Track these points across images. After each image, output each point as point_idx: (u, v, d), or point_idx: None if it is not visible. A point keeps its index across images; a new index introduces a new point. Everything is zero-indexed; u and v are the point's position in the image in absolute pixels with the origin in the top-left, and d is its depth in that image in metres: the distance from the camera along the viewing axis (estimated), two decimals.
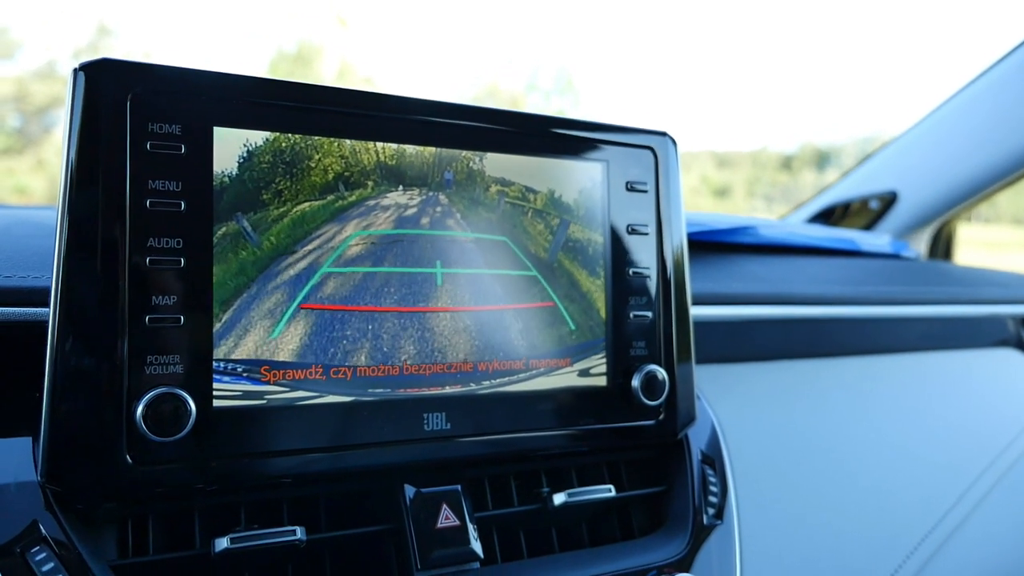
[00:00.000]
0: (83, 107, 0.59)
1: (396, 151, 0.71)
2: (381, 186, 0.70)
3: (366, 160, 0.69)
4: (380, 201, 0.70)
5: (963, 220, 2.11)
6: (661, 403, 0.81)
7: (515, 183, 0.76)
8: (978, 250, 3.28)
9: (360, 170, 0.69)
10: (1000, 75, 1.78)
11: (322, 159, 0.67)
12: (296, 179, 0.66)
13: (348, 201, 0.69)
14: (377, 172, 0.70)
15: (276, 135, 0.65)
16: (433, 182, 0.72)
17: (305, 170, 0.67)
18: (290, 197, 0.66)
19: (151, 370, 0.60)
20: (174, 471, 0.60)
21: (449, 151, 0.73)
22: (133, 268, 0.59)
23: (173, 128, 0.61)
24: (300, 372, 0.66)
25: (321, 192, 0.67)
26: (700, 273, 1.19)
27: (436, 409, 0.71)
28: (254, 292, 0.64)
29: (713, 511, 0.85)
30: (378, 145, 0.70)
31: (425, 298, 0.71)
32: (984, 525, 1.07)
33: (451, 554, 0.69)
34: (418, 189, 0.72)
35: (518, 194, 0.76)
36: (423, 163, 0.72)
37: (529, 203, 0.76)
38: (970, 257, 2.18)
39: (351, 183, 0.69)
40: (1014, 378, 1.41)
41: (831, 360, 1.21)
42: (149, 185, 0.60)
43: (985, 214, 5.18)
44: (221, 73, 0.64)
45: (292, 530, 0.65)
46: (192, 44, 16.48)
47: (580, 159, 0.79)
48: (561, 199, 0.78)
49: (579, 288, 0.78)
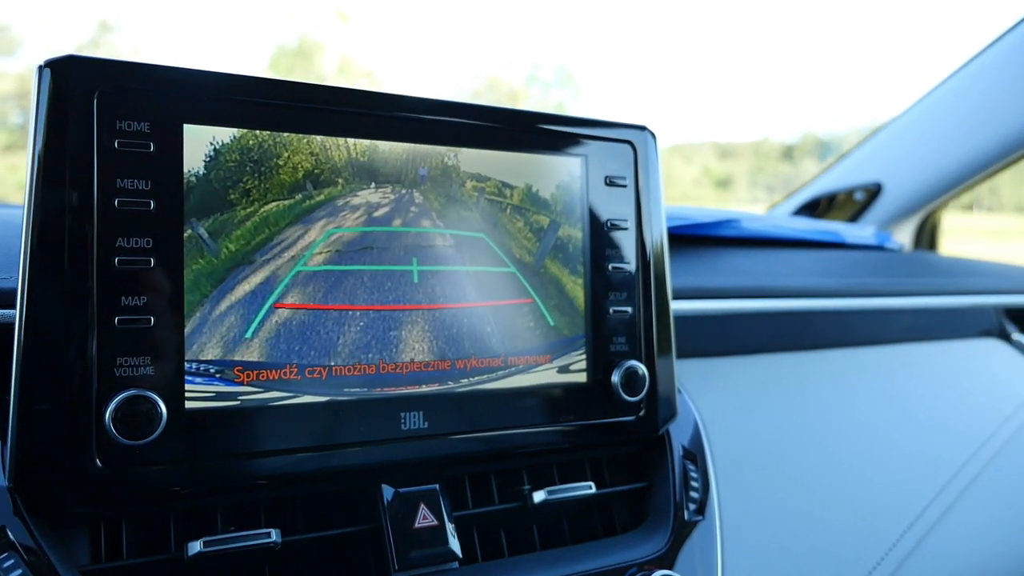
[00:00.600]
0: (49, 104, 0.58)
1: (368, 147, 0.70)
2: (353, 183, 0.69)
3: (337, 157, 0.68)
4: (353, 199, 0.69)
5: (965, 209, 2.11)
6: (641, 399, 0.80)
7: (491, 178, 0.75)
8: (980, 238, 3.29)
9: (331, 167, 0.68)
10: (982, 65, 1.78)
11: (291, 156, 0.66)
12: (265, 177, 0.65)
13: (320, 199, 0.68)
14: (349, 169, 0.69)
15: (243, 133, 0.64)
16: (407, 179, 0.71)
17: (274, 168, 0.66)
18: (259, 196, 0.65)
19: (121, 372, 0.59)
20: (146, 474, 0.60)
21: (423, 147, 0.72)
22: (101, 269, 0.58)
23: (142, 126, 0.60)
24: (274, 372, 0.65)
25: (291, 190, 0.66)
26: (683, 267, 1.19)
27: (413, 408, 0.70)
28: (226, 292, 0.63)
29: (694, 506, 0.84)
30: (350, 141, 0.69)
31: (401, 296, 0.70)
32: (967, 515, 1.07)
33: (429, 554, 0.69)
34: (392, 186, 0.71)
35: (494, 190, 0.75)
36: (396, 159, 0.71)
37: (507, 199, 0.76)
38: (973, 246, 2.18)
39: (322, 181, 0.68)
40: (998, 368, 1.41)
41: (814, 353, 1.21)
42: (118, 184, 0.59)
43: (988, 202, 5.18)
44: (190, 69, 0.63)
45: (267, 532, 0.64)
46: (194, 40, 16.49)
47: (558, 154, 0.79)
48: (539, 194, 0.77)
49: (558, 284, 0.78)
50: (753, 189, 15.82)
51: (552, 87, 16.01)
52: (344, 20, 16.14)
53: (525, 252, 0.76)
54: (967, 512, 1.07)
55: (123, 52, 10.66)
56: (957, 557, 1.01)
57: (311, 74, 12.61)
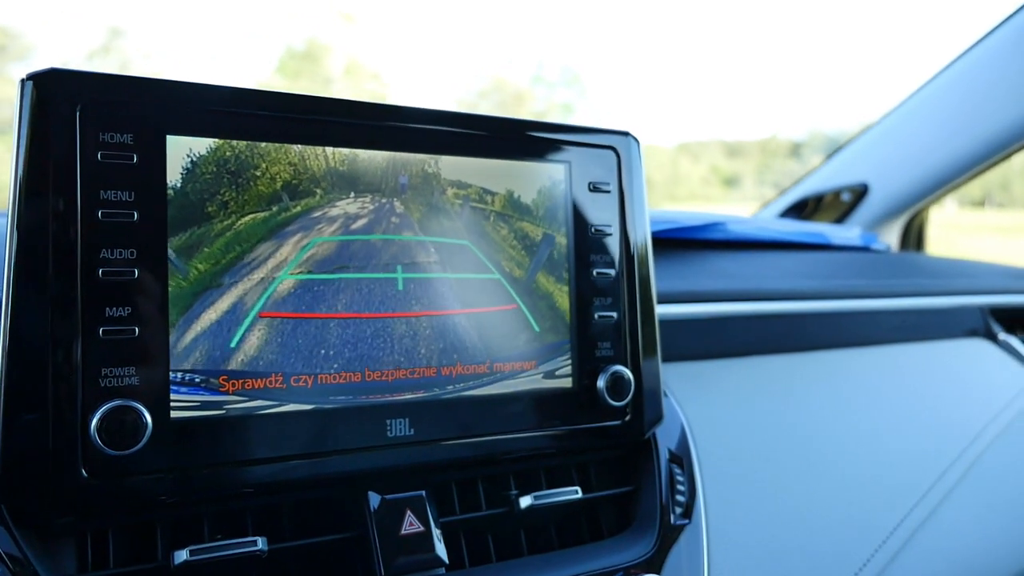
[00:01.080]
0: (32, 117, 0.58)
1: (349, 156, 0.70)
2: (334, 192, 0.69)
3: (316, 166, 0.69)
4: (334, 209, 0.69)
5: (976, 205, 2.13)
6: (627, 403, 0.81)
7: (472, 185, 0.76)
8: (992, 235, 3.30)
9: (311, 176, 0.68)
10: (967, 66, 1.79)
11: (269, 167, 0.67)
12: (243, 189, 0.65)
13: (298, 210, 0.68)
14: (330, 178, 0.69)
15: (220, 144, 0.65)
16: (388, 187, 0.72)
17: (253, 179, 0.66)
18: (236, 208, 0.65)
19: (106, 383, 0.59)
20: (131, 484, 0.60)
21: (404, 155, 0.73)
22: (86, 279, 0.59)
23: (125, 137, 0.61)
24: (260, 381, 0.65)
25: (271, 201, 0.67)
26: (669, 271, 1.19)
27: (399, 415, 0.70)
28: (211, 301, 0.64)
29: (681, 510, 0.85)
30: (329, 151, 0.69)
31: (386, 303, 0.71)
32: (953, 515, 1.08)
33: (415, 560, 0.69)
34: (373, 195, 0.71)
35: (477, 196, 0.76)
36: (377, 168, 0.71)
37: (489, 206, 0.76)
38: (985, 242, 2.19)
39: (302, 191, 0.68)
40: (984, 368, 1.42)
41: (801, 355, 1.22)
42: (101, 196, 0.60)
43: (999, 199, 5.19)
44: (173, 81, 0.63)
45: (253, 540, 0.64)
46: (202, 43, 16.51)
47: (542, 161, 0.79)
48: (520, 200, 0.78)
49: (543, 290, 0.78)
50: (761, 187, 15.86)
51: (557, 86, 16.01)
52: (349, 21, 16.18)
53: (511, 261, 0.77)
54: (954, 512, 1.08)
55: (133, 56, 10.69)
56: (944, 557, 1.02)
57: (318, 76, 12.65)
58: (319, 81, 12.95)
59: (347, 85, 13.46)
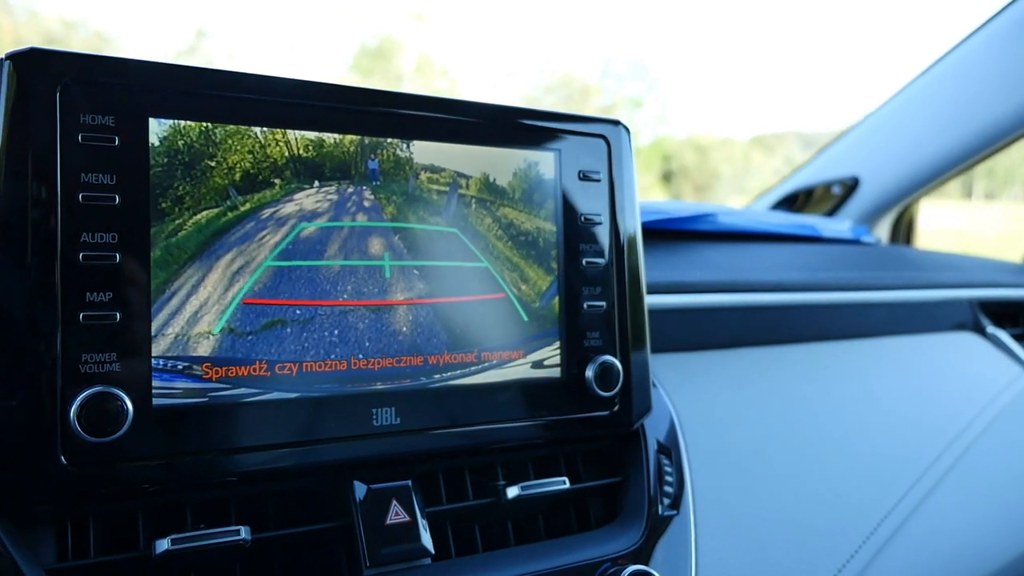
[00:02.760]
0: (11, 98, 0.57)
1: (323, 140, 0.69)
2: (319, 178, 0.68)
3: (301, 153, 0.68)
4: (320, 194, 0.68)
5: (995, 198, 2.14)
6: (616, 393, 0.80)
7: (460, 172, 0.75)
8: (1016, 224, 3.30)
9: (298, 162, 0.67)
10: (958, 60, 1.79)
11: (255, 152, 0.65)
12: (226, 174, 0.64)
13: (286, 194, 0.67)
14: (312, 164, 0.68)
15: (204, 127, 0.63)
16: (357, 173, 0.71)
17: (234, 164, 0.65)
18: (219, 194, 0.64)
19: (86, 369, 0.58)
20: (112, 472, 0.59)
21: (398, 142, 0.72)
22: (66, 264, 0.58)
23: (106, 119, 0.60)
24: (243, 369, 0.64)
25: (256, 186, 0.66)
26: (659, 261, 1.19)
27: (386, 404, 0.69)
28: (194, 287, 0.63)
29: (669, 501, 0.84)
30: (320, 135, 0.68)
31: (373, 291, 0.70)
32: (940, 507, 1.08)
33: (401, 550, 0.69)
34: (353, 182, 0.70)
35: (464, 183, 0.75)
36: (351, 154, 0.70)
37: (479, 193, 0.75)
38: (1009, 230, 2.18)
39: (288, 176, 0.67)
40: (972, 361, 1.42)
41: (790, 347, 1.21)
42: (82, 178, 0.58)
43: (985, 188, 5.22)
44: (156, 62, 0.62)
45: (236, 530, 0.63)
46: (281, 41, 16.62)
47: (532, 148, 0.78)
48: (509, 187, 0.77)
49: (532, 278, 0.77)
50: None
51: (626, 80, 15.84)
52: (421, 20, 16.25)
53: (500, 249, 0.76)
54: (941, 503, 1.08)
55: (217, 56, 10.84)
56: (930, 548, 1.02)
57: (389, 73, 12.73)
58: (391, 78, 13.09)
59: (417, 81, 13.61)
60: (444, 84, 14.28)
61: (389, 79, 12.39)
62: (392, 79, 12.32)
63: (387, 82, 13.01)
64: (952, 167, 1.86)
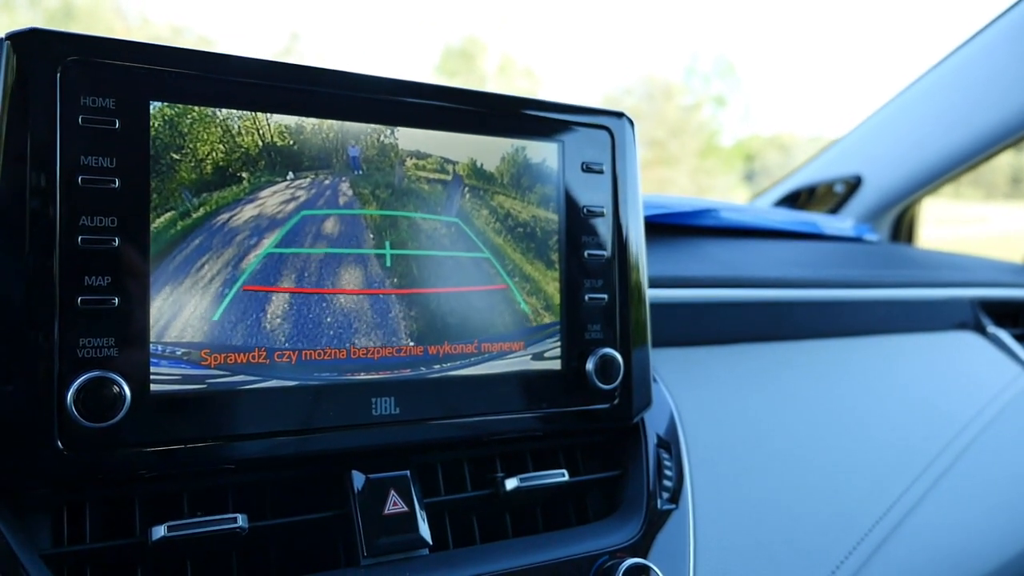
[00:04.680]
0: (10, 78, 0.57)
1: (337, 127, 0.68)
2: (320, 165, 0.68)
3: (307, 139, 0.67)
4: (322, 181, 0.68)
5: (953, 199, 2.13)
6: (616, 387, 0.80)
7: (460, 161, 0.74)
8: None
9: (300, 148, 0.67)
10: (962, 60, 1.78)
11: (258, 137, 0.65)
12: (227, 158, 0.64)
13: (286, 181, 0.66)
14: (316, 150, 0.68)
15: (206, 111, 0.63)
16: (386, 163, 0.70)
17: (237, 149, 0.64)
18: (219, 178, 0.63)
19: (84, 353, 0.58)
20: (109, 458, 0.58)
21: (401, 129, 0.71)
22: (64, 247, 0.57)
23: (107, 102, 0.59)
24: (242, 356, 0.64)
25: (258, 172, 0.65)
26: (661, 256, 1.18)
27: (385, 393, 0.69)
28: (194, 273, 0.62)
29: (668, 495, 0.84)
30: (322, 122, 0.68)
31: (373, 280, 0.69)
32: (939, 505, 1.07)
33: (398, 541, 0.68)
34: (354, 168, 0.70)
35: (466, 172, 0.74)
36: (373, 141, 0.70)
37: (482, 183, 0.75)
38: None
39: (288, 162, 0.66)
40: (972, 361, 1.42)
41: (791, 343, 1.21)
42: (81, 161, 0.58)
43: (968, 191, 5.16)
44: (157, 45, 0.61)
45: (233, 517, 0.63)
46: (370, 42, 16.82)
47: (535, 139, 0.78)
48: (512, 178, 0.76)
49: (533, 270, 0.77)
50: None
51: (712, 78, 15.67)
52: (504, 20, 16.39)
53: (501, 240, 0.75)
54: (939, 502, 1.08)
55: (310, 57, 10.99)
56: (929, 546, 1.02)
57: (473, 73, 12.80)
58: (474, 78, 13.12)
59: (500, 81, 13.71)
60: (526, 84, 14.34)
61: (473, 79, 12.47)
62: (476, 79, 12.40)
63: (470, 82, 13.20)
64: (955, 167, 1.85)
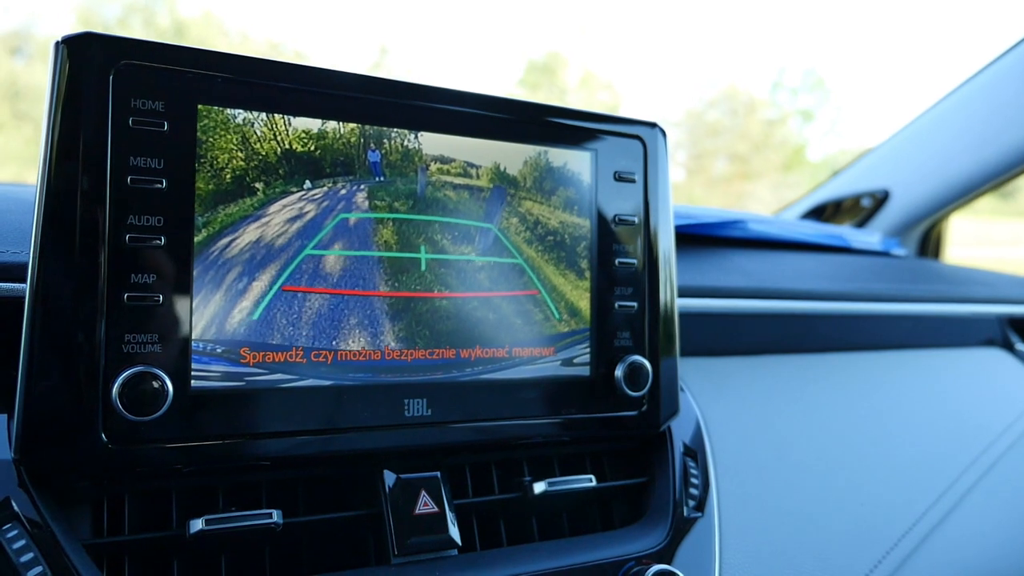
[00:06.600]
0: (65, 81, 0.58)
1: (374, 133, 0.70)
2: (361, 171, 0.69)
3: (346, 144, 0.68)
4: (362, 185, 0.69)
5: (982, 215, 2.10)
6: (644, 394, 0.80)
7: (494, 168, 0.75)
8: None
9: (338, 154, 0.68)
10: (992, 77, 1.77)
11: (297, 142, 0.66)
12: (268, 163, 0.65)
13: (327, 186, 0.68)
14: (356, 156, 0.69)
15: (250, 115, 0.64)
16: (413, 167, 0.72)
17: (277, 154, 0.66)
18: (261, 182, 0.65)
19: (128, 349, 0.59)
20: (150, 451, 0.60)
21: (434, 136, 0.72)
22: (112, 245, 0.59)
23: (156, 105, 0.61)
24: (280, 355, 0.65)
25: (297, 176, 0.67)
26: (688, 266, 1.19)
27: (417, 395, 0.70)
28: (235, 273, 0.64)
29: (694, 503, 0.84)
30: (358, 126, 0.69)
31: (409, 283, 0.70)
32: (965, 522, 1.07)
33: (428, 541, 0.69)
34: (399, 176, 0.71)
35: (500, 180, 0.75)
36: (406, 149, 0.71)
37: (516, 191, 0.76)
38: None
39: (328, 168, 0.68)
40: (1000, 378, 1.41)
41: (817, 356, 1.21)
42: (131, 162, 0.60)
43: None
44: (207, 50, 0.63)
45: (268, 513, 0.64)
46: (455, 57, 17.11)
47: (568, 147, 0.79)
48: (545, 186, 0.77)
49: (564, 277, 0.78)
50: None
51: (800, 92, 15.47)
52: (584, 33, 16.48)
53: (534, 247, 0.76)
54: (965, 519, 1.08)
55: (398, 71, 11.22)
56: (954, 561, 1.02)
57: (555, 87, 12.92)
58: (555, 92, 13.18)
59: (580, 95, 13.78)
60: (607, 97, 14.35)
61: (554, 93, 12.54)
62: (557, 93, 12.48)
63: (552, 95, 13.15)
64: (984, 184, 1.84)
